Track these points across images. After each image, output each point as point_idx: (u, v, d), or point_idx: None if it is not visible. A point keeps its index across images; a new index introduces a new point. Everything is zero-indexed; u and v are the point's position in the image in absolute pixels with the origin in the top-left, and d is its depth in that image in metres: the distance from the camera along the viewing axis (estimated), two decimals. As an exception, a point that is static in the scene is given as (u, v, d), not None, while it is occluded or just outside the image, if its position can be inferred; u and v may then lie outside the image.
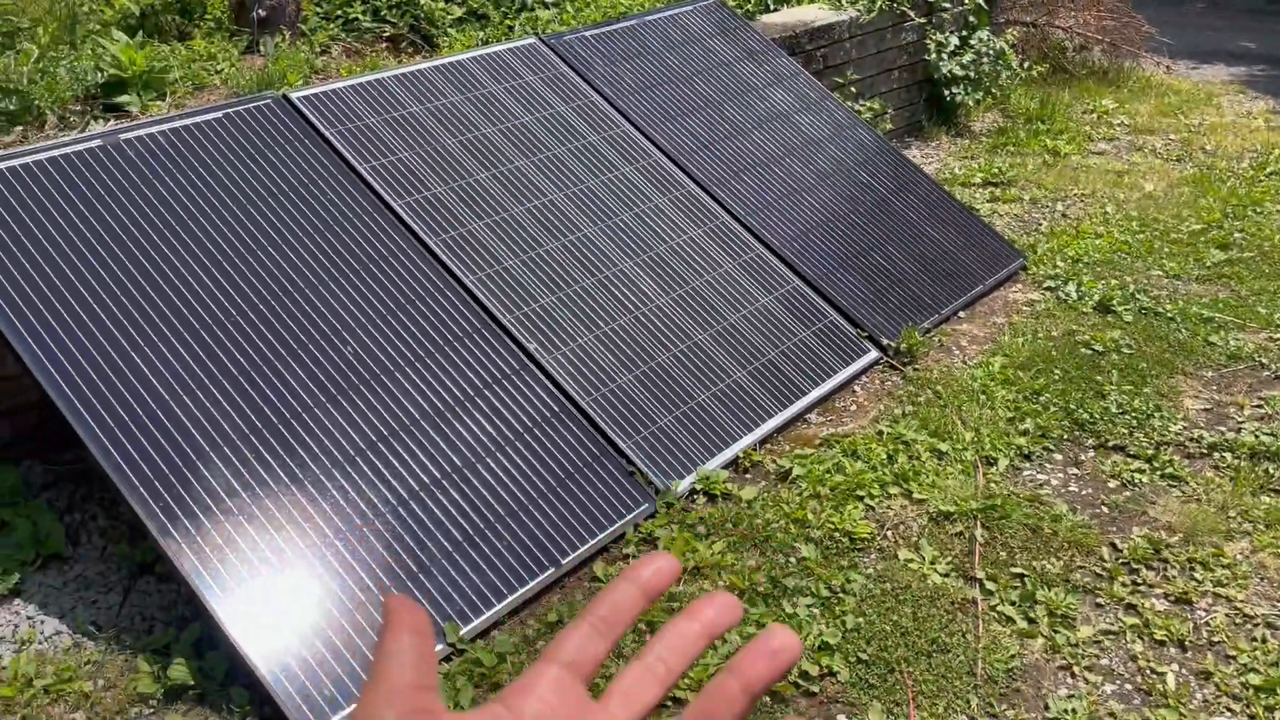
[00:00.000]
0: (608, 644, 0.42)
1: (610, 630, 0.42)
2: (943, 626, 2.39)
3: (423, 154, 3.25)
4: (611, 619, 0.43)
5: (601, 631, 0.42)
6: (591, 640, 0.42)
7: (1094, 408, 3.19)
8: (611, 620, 0.43)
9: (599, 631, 0.42)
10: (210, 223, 2.77)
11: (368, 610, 2.27)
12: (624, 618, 0.43)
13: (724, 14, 4.48)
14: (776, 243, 3.62)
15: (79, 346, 2.41)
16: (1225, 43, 8.04)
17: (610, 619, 0.43)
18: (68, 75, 3.43)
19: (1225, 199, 4.77)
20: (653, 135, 3.75)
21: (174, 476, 2.30)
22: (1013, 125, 5.71)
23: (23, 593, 2.47)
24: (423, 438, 2.60)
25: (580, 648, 0.42)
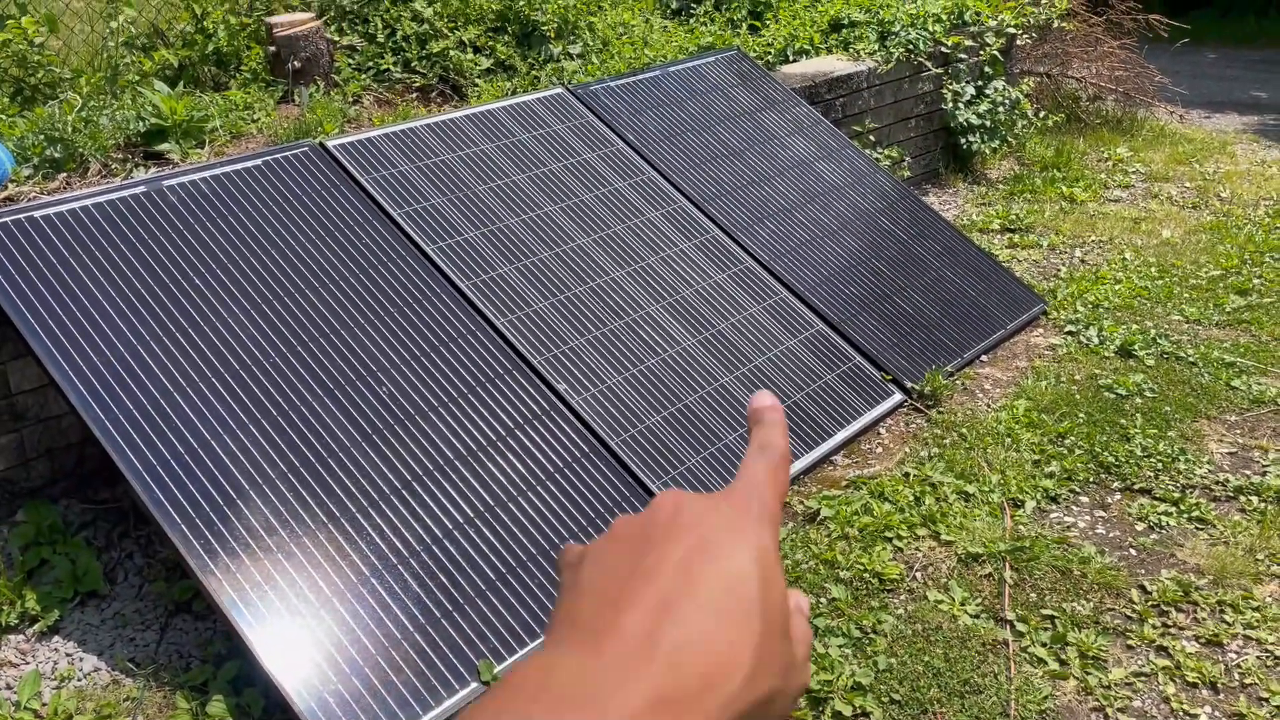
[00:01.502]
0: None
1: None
2: (975, 667, 2.40)
3: (455, 200, 3.32)
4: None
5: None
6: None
7: (1119, 451, 3.21)
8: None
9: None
10: (250, 266, 2.84)
11: (404, 648, 2.29)
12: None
13: (745, 64, 4.58)
14: (800, 287, 3.67)
15: (123, 386, 2.47)
16: (1237, 92, 8.13)
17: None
18: (110, 124, 3.53)
19: (1243, 245, 4.81)
20: (678, 182, 3.82)
21: (214, 514, 2.34)
22: (1029, 173, 5.78)
23: (62, 630, 2.50)
24: (456, 477, 2.64)
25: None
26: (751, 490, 0.45)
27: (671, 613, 0.39)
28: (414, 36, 4.45)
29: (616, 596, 0.40)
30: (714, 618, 0.39)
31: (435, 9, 4.54)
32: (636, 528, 0.43)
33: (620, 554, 0.42)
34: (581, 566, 0.43)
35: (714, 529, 0.42)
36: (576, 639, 0.39)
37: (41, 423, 2.87)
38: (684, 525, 0.42)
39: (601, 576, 0.41)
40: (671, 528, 0.42)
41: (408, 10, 4.51)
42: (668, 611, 0.39)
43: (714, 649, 0.38)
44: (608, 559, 0.42)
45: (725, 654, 0.39)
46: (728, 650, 0.39)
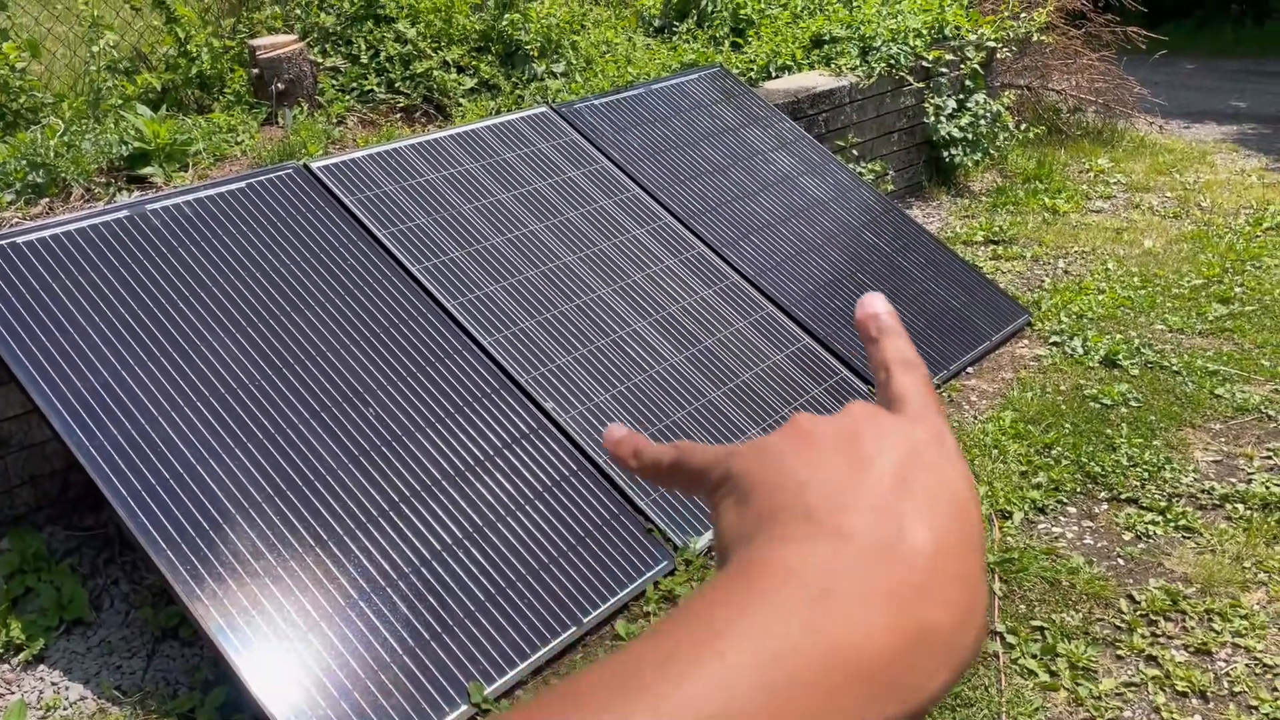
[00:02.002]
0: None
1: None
2: (965, 680, 2.40)
3: (440, 220, 3.32)
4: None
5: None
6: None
7: (1105, 460, 3.23)
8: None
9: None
10: (234, 289, 2.83)
11: (393, 671, 2.28)
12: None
13: (728, 81, 4.60)
14: (786, 301, 3.68)
15: (107, 412, 2.46)
16: (1215, 102, 8.21)
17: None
18: (93, 148, 3.52)
19: (1224, 254, 4.84)
20: (662, 199, 3.83)
21: (200, 539, 2.33)
22: (1011, 185, 5.82)
23: (47, 658, 2.48)
24: (444, 498, 2.63)
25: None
26: (931, 413, 0.41)
27: (919, 528, 0.35)
28: (397, 57, 4.46)
29: (847, 496, 0.36)
30: (955, 545, 0.35)
31: (418, 30, 4.55)
32: (834, 432, 0.39)
33: (826, 456, 0.38)
34: (775, 458, 0.39)
35: (925, 447, 0.38)
36: (814, 532, 0.35)
37: (25, 449, 2.85)
38: (893, 442, 0.38)
39: (819, 472, 0.37)
40: (881, 442, 0.38)
41: (391, 31, 4.52)
42: (914, 526, 0.35)
43: (963, 579, 0.34)
44: (816, 457, 0.38)
45: (972, 588, 0.35)
46: (972, 584, 0.35)
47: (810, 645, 0.31)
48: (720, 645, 0.31)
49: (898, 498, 0.36)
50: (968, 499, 0.37)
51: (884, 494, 0.36)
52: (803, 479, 0.37)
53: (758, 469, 0.39)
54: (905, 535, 0.34)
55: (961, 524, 0.36)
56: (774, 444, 0.40)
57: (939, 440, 0.39)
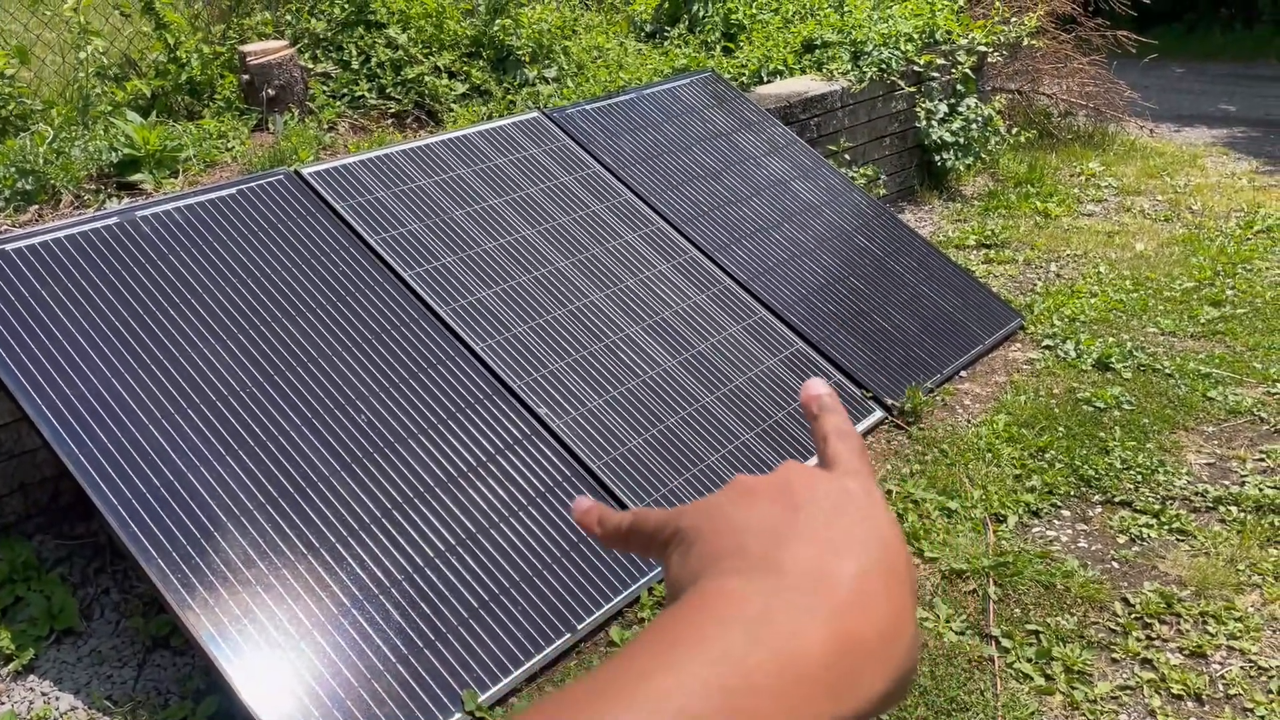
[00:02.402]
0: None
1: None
2: (961, 685, 2.39)
3: (431, 225, 3.31)
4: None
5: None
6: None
7: (1099, 464, 3.23)
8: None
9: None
10: (225, 295, 2.82)
11: (386, 679, 2.26)
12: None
13: (720, 86, 4.60)
14: (779, 306, 3.68)
15: (97, 420, 2.44)
16: (1205, 106, 8.25)
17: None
18: (82, 155, 3.51)
19: (1215, 257, 4.86)
20: (654, 203, 3.83)
21: (191, 547, 2.31)
22: (1003, 189, 5.83)
23: (37, 668, 2.46)
24: (436, 504, 2.62)
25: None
26: (861, 472, 0.46)
27: (845, 556, 0.40)
28: (388, 63, 4.45)
29: (781, 536, 0.41)
30: (881, 570, 0.40)
31: (409, 35, 4.54)
32: (769, 485, 0.44)
33: (762, 506, 0.43)
34: (716, 512, 0.43)
35: (853, 496, 0.43)
36: (753, 566, 0.39)
37: (15, 458, 2.83)
38: (824, 491, 0.43)
39: (756, 518, 0.42)
40: (811, 491, 0.43)
41: (382, 37, 4.51)
42: (841, 555, 0.40)
43: (890, 599, 0.39)
44: (753, 507, 0.43)
45: (898, 607, 0.39)
46: (899, 604, 0.39)
47: (757, 653, 0.35)
48: (678, 656, 0.35)
49: (826, 535, 0.41)
50: (891, 537, 0.42)
51: (814, 531, 0.41)
52: (741, 524, 0.42)
53: (702, 522, 0.44)
54: (832, 564, 0.39)
55: (885, 557, 0.41)
56: (716, 500, 0.45)
57: (866, 491, 0.44)
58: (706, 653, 0.35)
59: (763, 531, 0.41)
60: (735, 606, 0.37)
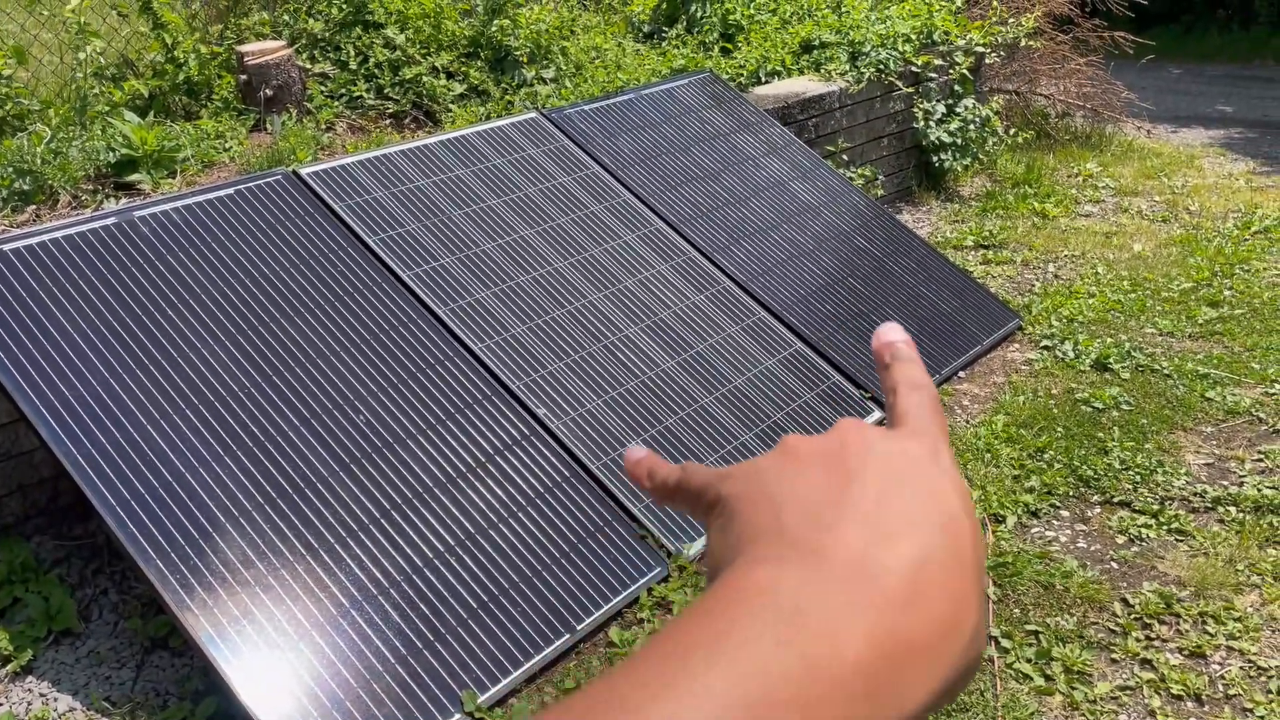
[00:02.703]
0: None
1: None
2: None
3: (430, 226, 3.31)
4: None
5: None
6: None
7: (1097, 464, 3.23)
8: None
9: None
10: (224, 296, 2.81)
11: (385, 680, 2.26)
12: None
13: (718, 87, 4.60)
14: (778, 306, 3.68)
15: (95, 421, 2.43)
16: (1202, 107, 8.26)
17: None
18: (79, 155, 3.50)
19: (1213, 258, 4.86)
20: (653, 204, 3.83)
21: (190, 548, 2.31)
22: (1000, 189, 5.83)
23: (35, 669, 2.45)
24: (435, 505, 2.61)
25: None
26: (931, 431, 0.41)
27: (897, 542, 0.35)
28: (386, 63, 4.45)
29: (827, 514, 0.36)
30: (939, 557, 0.35)
31: (407, 35, 4.54)
32: (821, 449, 0.40)
33: (811, 473, 0.38)
34: (759, 478, 0.39)
35: (916, 462, 0.39)
36: (793, 551, 0.35)
37: (12, 459, 2.82)
38: (881, 455, 0.39)
39: (802, 489, 0.38)
40: (867, 456, 0.39)
41: (380, 37, 4.51)
42: (892, 540, 0.35)
43: (947, 590, 0.35)
44: (800, 475, 0.39)
45: (957, 599, 0.35)
46: (958, 595, 0.35)
47: (784, 661, 0.32)
48: (697, 664, 0.32)
49: (879, 513, 0.36)
50: (959, 512, 0.37)
51: (865, 509, 0.36)
52: (783, 498, 0.38)
53: (744, 491, 0.39)
54: (883, 550, 0.35)
55: (949, 538, 0.36)
56: (761, 465, 0.40)
57: (933, 455, 0.39)
58: (727, 661, 0.32)
59: (807, 507, 0.37)
60: (764, 603, 0.33)
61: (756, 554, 0.36)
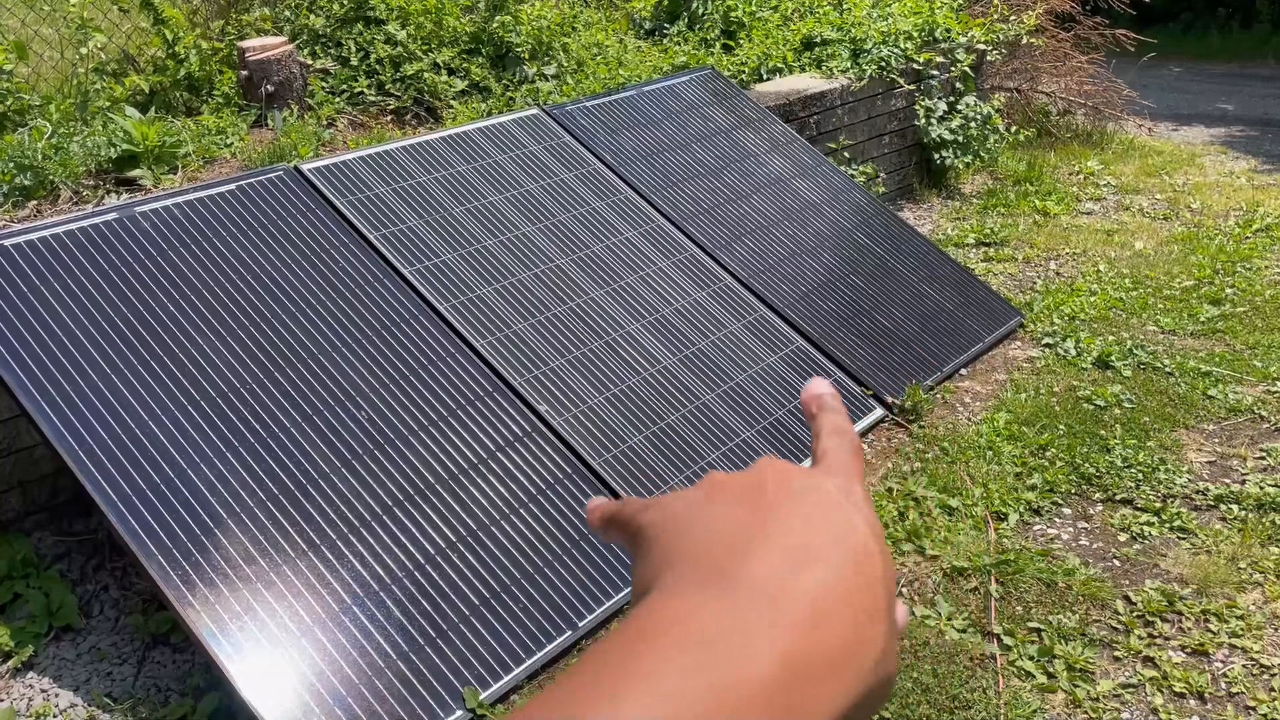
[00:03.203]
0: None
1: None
2: (963, 683, 2.39)
3: (431, 222, 3.30)
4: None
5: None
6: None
7: (1100, 462, 3.22)
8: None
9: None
10: (225, 292, 2.81)
11: (387, 676, 2.25)
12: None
13: (720, 83, 4.59)
14: (779, 304, 3.67)
15: (97, 417, 2.43)
16: (1203, 105, 8.25)
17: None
18: (81, 151, 3.49)
19: (1214, 255, 4.86)
20: (655, 201, 3.82)
21: (192, 544, 2.30)
22: (1002, 187, 5.82)
23: (36, 665, 2.45)
24: (438, 502, 2.61)
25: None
26: (846, 470, 0.44)
27: (806, 570, 0.37)
28: (388, 59, 4.44)
29: (741, 544, 0.38)
30: (846, 583, 0.38)
31: (409, 32, 4.53)
32: (741, 484, 0.42)
33: (729, 506, 0.41)
34: (679, 510, 0.41)
35: (829, 497, 0.41)
36: (704, 579, 0.37)
37: (13, 454, 2.82)
38: (796, 491, 0.41)
39: (718, 521, 0.40)
40: (783, 491, 0.41)
41: (381, 33, 4.50)
42: (802, 568, 0.37)
43: (853, 613, 0.37)
44: (717, 507, 0.41)
45: (863, 621, 0.37)
46: (865, 618, 0.37)
47: (694, 686, 0.33)
48: (612, 691, 0.33)
49: (793, 543, 0.38)
50: (869, 544, 0.40)
51: (779, 539, 0.38)
52: (703, 527, 0.40)
53: (666, 521, 0.41)
54: (792, 577, 0.37)
55: (858, 567, 0.38)
56: (685, 497, 0.42)
57: (847, 491, 0.42)
58: (640, 690, 0.33)
59: (724, 537, 0.39)
60: (678, 629, 0.35)
61: (671, 582, 0.38)
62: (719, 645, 0.34)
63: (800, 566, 0.37)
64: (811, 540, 0.38)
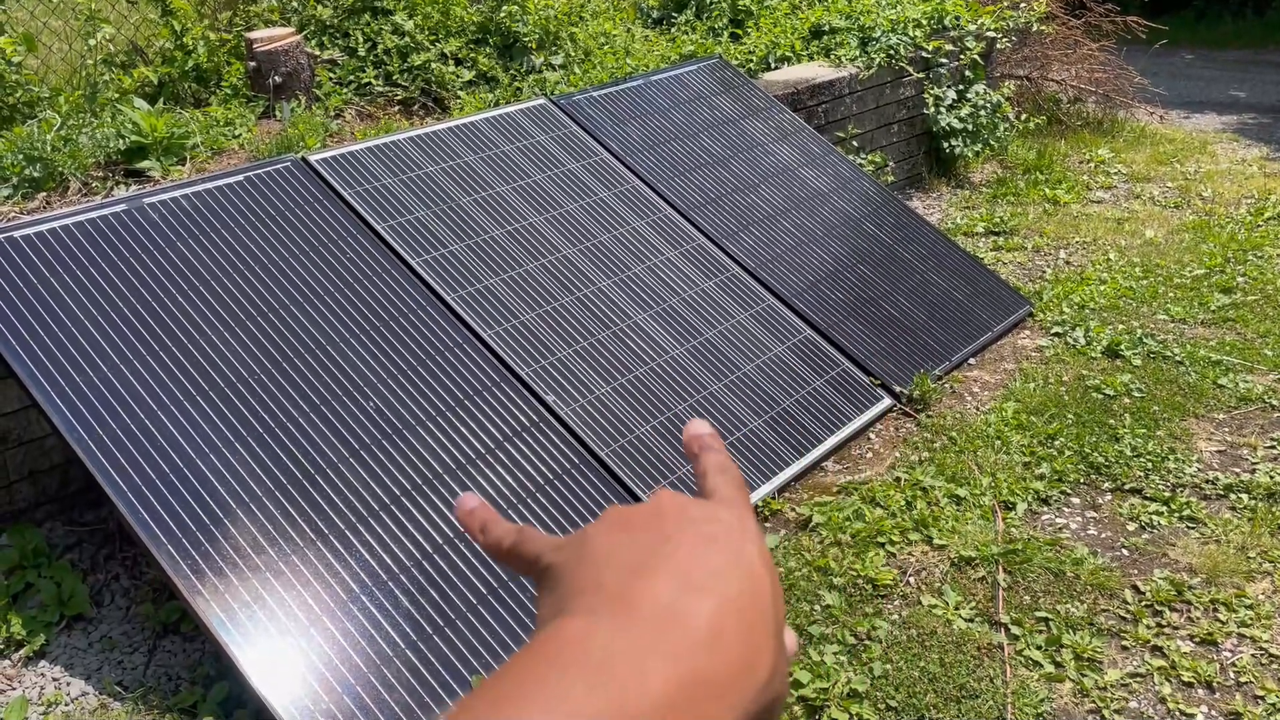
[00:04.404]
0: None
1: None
2: (970, 672, 2.39)
3: (439, 212, 3.30)
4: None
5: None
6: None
7: (1109, 451, 3.21)
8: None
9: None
10: (233, 283, 2.82)
11: (395, 665, 2.27)
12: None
13: (727, 72, 4.58)
14: (787, 293, 3.67)
15: (106, 407, 2.44)
16: (1215, 92, 8.19)
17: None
18: (89, 142, 3.50)
19: (1226, 244, 4.83)
20: (662, 190, 3.82)
21: (201, 534, 2.31)
22: (1011, 176, 5.80)
23: (48, 654, 2.47)
24: (445, 491, 2.62)
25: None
26: (735, 503, 0.47)
27: (702, 593, 0.39)
28: (395, 50, 4.44)
29: (641, 569, 0.40)
30: (739, 607, 0.40)
31: (416, 22, 4.53)
32: (640, 516, 0.44)
33: (630, 535, 0.42)
34: (584, 543, 0.43)
35: (724, 526, 0.43)
36: (606, 603, 0.39)
37: (24, 445, 2.84)
38: (694, 519, 0.43)
39: (619, 551, 0.41)
40: (681, 520, 0.43)
41: (388, 23, 4.50)
42: (698, 591, 0.39)
43: (746, 636, 0.39)
44: (620, 536, 0.42)
45: (755, 644, 0.39)
46: (756, 641, 0.39)
47: (593, 704, 0.35)
48: (515, 709, 0.34)
49: (689, 568, 0.40)
50: (760, 570, 0.42)
51: (676, 565, 0.40)
52: (604, 556, 0.41)
53: (570, 558, 0.43)
54: (687, 600, 0.39)
55: (750, 591, 0.40)
56: (588, 533, 0.44)
57: (740, 519, 0.44)
58: (540, 710, 0.34)
59: (623, 564, 0.40)
60: (577, 649, 0.36)
61: (574, 606, 0.39)
62: (619, 663, 0.36)
63: (697, 591, 0.39)
64: (707, 565, 0.40)
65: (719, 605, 0.39)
